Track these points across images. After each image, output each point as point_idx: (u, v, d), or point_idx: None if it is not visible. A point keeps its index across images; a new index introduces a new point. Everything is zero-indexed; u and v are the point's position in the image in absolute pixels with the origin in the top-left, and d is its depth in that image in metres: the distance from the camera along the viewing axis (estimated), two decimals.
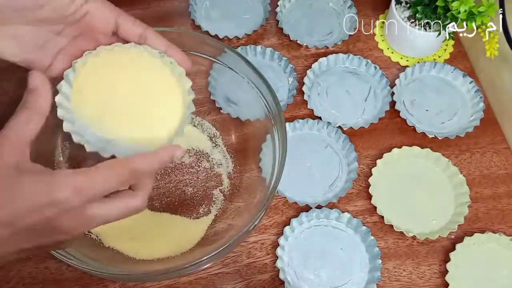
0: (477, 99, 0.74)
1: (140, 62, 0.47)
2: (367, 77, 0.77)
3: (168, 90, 0.48)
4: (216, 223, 0.63)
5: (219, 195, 0.65)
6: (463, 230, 0.66)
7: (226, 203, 0.64)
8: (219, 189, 0.65)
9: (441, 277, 0.63)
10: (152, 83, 0.47)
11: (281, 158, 0.56)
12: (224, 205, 0.64)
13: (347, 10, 0.82)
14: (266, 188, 0.57)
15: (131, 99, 0.46)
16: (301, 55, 0.79)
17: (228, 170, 0.66)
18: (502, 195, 0.69)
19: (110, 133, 0.45)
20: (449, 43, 0.81)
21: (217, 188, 0.65)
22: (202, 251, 0.56)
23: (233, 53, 0.61)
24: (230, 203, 0.64)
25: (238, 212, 0.63)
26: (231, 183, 0.66)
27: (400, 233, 0.64)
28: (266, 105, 0.61)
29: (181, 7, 0.82)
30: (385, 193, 0.67)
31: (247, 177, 0.65)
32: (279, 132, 0.58)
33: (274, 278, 0.62)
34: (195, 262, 0.51)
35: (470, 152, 0.72)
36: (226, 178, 0.66)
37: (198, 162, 0.67)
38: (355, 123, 0.72)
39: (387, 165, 0.69)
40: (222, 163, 0.67)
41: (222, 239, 0.59)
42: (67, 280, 0.61)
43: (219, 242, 0.58)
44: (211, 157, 0.67)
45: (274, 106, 0.59)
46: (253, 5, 0.83)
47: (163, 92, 0.48)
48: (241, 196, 0.64)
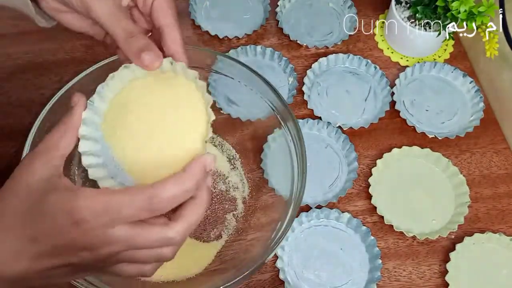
0: (477, 99, 0.74)
1: (174, 85, 0.46)
2: (367, 77, 0.77)
3: (195, 117, 0.45)
4: (229, 248, 0.61)
5: (232, 220, 0.63)
6: (463, 230, 0.66)
7: (238, 229, 0.62)
8: (233, 213, 0.63)
9: (441, 277, 0.63)
10: (182, 108, 0.45)
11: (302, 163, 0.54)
12: (237, 230, 0.62)
13: (347, 10, 0.82)
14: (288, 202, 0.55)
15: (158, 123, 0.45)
16: (301, 55, 0.79)
17: (244, 194, 0.65)
18: (502, 195, 0.69)
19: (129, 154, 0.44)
20: (449, 43, 0.81)
21: (231, 213, 0.63)
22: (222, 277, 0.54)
23: (226, 58, 0.60)
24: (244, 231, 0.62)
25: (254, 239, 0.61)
26: (245, 208, 0.63)
27: (400, 233, 0.64)
28: (270, 104, 0.60)
29: (181, 7, 0.82)
30: (385, 193, 0.67)
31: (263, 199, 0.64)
32: (291, 131, 0.56)
33: (274, 278, 0.62)
34: None
35: (470, 152, 0.72)
36: (241, 203, 0.64)
37: (214, 183, 0.65)
38: (355, 123, 0.72)
39: (387, 165, 0.69)
40: (239, 186, 0.65)
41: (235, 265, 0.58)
42: None
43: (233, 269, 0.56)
44: (228, 179, 0.66)
45: (279, 102, 0.58)
46: (253, 5, 0.83)
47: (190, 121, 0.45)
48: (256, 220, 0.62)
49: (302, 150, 0.56)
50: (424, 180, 0.69)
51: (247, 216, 0.63)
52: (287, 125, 0.58)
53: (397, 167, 0.69)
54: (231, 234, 0.62)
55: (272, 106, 0.60)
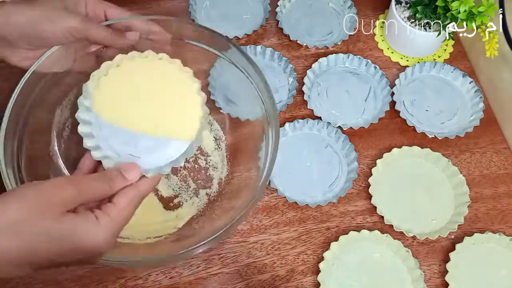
0: (477, 99, 0.74)
1: (159, 68, 0.52)
2: (367, 77, 0.77)
3: (187, 96, 0.52)
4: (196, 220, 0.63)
5: (204, 197, 0.65)
6: (463, 230, 0.66)
7: (208, 206, 0.64)
8: (206, 191, 0.65)
9: (441, 277, 0.63)
10: (172, 89, 0.51)
11: (273, 152, 0.55)
12: (206, 207, 0.64)
13: (347, 10, 0.82)
14: (258, 178, 0.57)
15: (152, 104, 0.50)
16: (301, 55, 0.79)
17: (221, 175, 0.66)
18: (502, 195, 0.69)
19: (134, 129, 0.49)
20: (449, 43, 0.81)
21: (204, 190, 0.65)
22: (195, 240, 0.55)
23: (235, 49, 0.61)
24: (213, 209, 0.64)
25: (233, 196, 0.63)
26: (219, 189, 0.65)
27: (400, 233, 0.64)
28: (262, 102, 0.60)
29: (181, 7, 0.82)
30: (385, 193, 0.67)
31: (240, 179, 0.65)
32: (273, 129, 0.57)
33: (274, 278, 0.62)
34: (195, 247, 0.51)
35: (470, 152, 0.72)
36: (217, 183, 0.65)
37: (196, 159, 0.67)
38: (355, 123, 0.72)
39: (387, 165, 0.69)
40: (218, 167, 0.67)
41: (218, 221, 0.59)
42: (67, 280, 0.61)
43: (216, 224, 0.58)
44: (210, 157, 0.67)
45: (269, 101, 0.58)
46: (253, 5, 0.83)
47: (183, 99, 0.51)
48: (230, 197, 0.64)
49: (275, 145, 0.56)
50: (424, 180, 0.69)
51: (220, 197, 0.65)
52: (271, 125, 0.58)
53: (397, 167, 0.69)
54: (201, 209, 0.64)
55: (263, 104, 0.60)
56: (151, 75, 0.51)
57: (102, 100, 0.49)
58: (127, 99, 0.50)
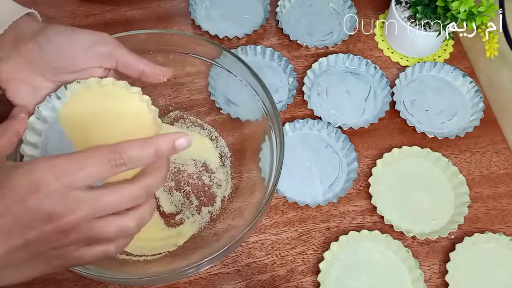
0: (477, 99, 0.74)
1: (117, 96, 0.51)
2: (367, 77, 0.77)
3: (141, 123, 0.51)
4: (216, 224, 0.63)
5: (206, 215, 0.64)
6: (463, 230, 0.66)
7: (211, 224, 0.63)
8: (208, 209, 0.64)
9: (441, 277, 0.63)
10: (127, 115, 0.51)
11: (279, 158, 0.55)
12: (209, 226, 0.63)
13: (347, 10, 0.82)
14: (265, 188, 0.57)
15: (108, 128, 0.50)
16: (301, 55, 0.79)
17: (225, 194, 0.65)
18: (502, 195, 0.69)
19: None
20: (449, 43, 0.81)
21: (207, 207, 0.64)
22: (202, 253, 0.56)
23: (230, 54, 0.61)
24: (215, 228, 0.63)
25: (238, 213, 0.62)
26: (222, 207, 0.64)
27: (400, 233, 0.64)
28: (263, 106, 0.60)
29: (181, 7, 0.82)
30: (385, 193, 0.67)
31: (246, 178, 0.64)
32: (276, 132, 0.58)
33: (274, 278, 0.62)
34: (196, 264, 0.51)
35: (470, 152, 0.72)
36: (220, 201, 0.65)
37: (200, 175, 0.66)
38: (355, 123, 0.72)
39: (387, 165, 0.69)
40: (222, 185, 0.66)
41: (221, 239, 0.59)
42: (67, 281, 0.61)
43: (218, 243, 0.57)
44: (214, 175, 0.66)
45: (271, 106, 0.58)
46: (253, 5, 0.83)
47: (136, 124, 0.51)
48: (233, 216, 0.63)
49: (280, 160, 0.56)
50: (424, 180, 0.69)
51: (222, 215, 0.64)
52: (274, 129, 0.58)
53: (397, 167, 0.69)
54: (203, 227, 0.63)
55: (264, 107, 0.60)
56: (108, 106, 0.51)
57: (70, 114, 0.50)
58: (88, 124, 0.50)
